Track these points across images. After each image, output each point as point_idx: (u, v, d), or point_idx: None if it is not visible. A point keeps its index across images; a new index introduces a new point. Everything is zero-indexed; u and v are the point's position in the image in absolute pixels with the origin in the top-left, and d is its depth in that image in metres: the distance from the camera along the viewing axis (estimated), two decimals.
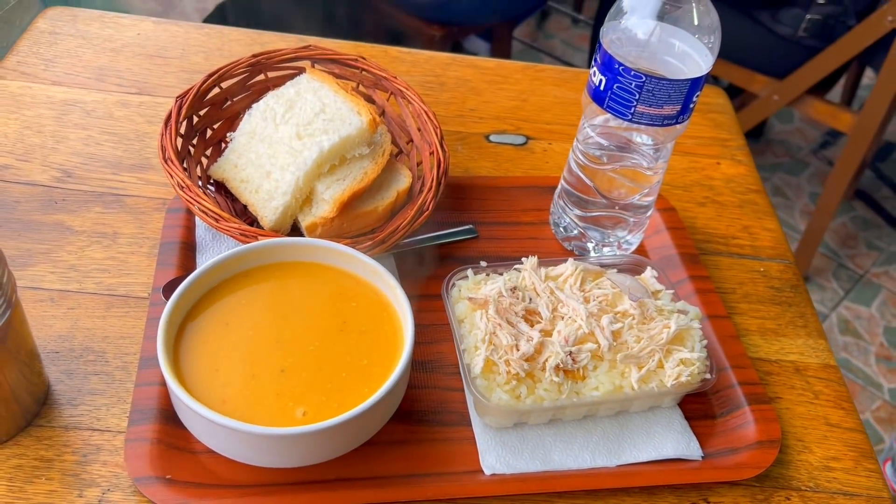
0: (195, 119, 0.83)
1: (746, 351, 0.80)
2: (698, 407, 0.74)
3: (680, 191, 0.98)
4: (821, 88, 2.28)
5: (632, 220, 0.84)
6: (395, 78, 0.87)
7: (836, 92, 2.76)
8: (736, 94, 2.61)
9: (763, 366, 0.80)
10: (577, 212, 0.84)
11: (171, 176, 0.75)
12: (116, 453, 0.65)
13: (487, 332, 0.69)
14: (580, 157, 0.82)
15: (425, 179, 0.81)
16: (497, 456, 0.68)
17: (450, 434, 0.69)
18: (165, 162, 0.76)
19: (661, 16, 0.71)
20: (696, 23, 0.71)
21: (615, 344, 0.69)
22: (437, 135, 0.83)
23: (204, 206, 0.73)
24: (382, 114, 0.89)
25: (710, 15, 0.72)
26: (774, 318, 0.85)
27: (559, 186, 0.87)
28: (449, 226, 0.87)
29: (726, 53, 2.29)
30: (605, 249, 0.86)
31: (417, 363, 0.74)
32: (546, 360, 0.68)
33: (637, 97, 0.72)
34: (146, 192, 0.86)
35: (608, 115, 0.76)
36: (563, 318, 0.71)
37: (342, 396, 0.62)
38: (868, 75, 2.78)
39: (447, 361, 0.75)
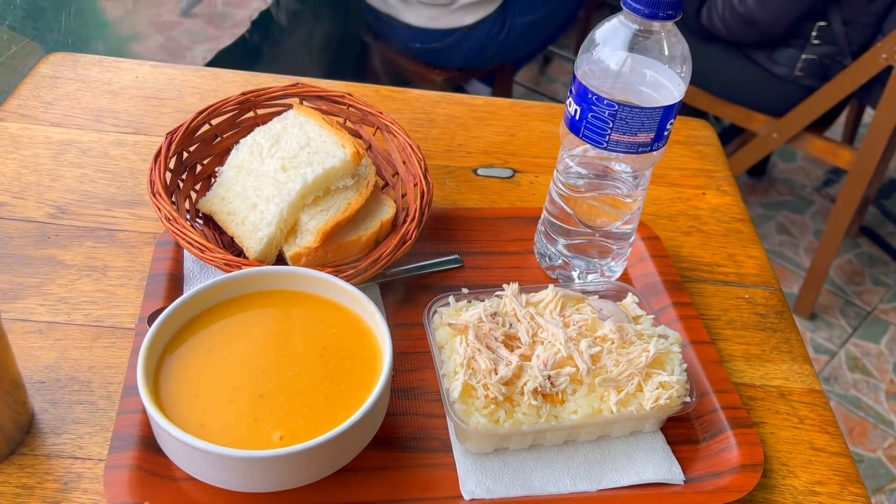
0: (185, 155, 0.85)
1: (730, 376, 0.80)
2: (681, 432, 0.74)
3: (665, 220, 0.99)
4: (820, 126, 2.29)
5: (614, 247, 0.85)
6: (381, 113, 0.89)
7: (838, 130, 2.78)
8: (736, 134, 2.63)
9: (747, 391, 0.80)
10: (561, 241, 0.85)
11: (159, 209, 0.77)
12: (97, 481, 0.65)
13: (466, 356, 0.69)
14: (561, 187, 0.83)
15: (409, 210, 0.82)
16: (477, 481, 0.68)
17: (430, 460, 0.70)
18: (154, 195, 0.78)
19: (632, 47, 0.73)
20: (666, 53, 0.73)
21: (594, 368, 0.70)
22: (421, 167, 0.85)
23: (190, 237, 0.74)
24: (369, 148, 0.91)
25: (681, 45, 0.74)
26: (759, 344, 0.85)
27: (542, 216, 0.88)
28: (434, 256, 0.88)
29: (725, 93, 2.33)
30: (590, 277, 0.87)
31: (399, 390, 0.75)
32: (525, 384, 0.68)
33: (611, 125, 0.74)
34: (137, 227, 0.88)
35: (586, 146, 0.77)
36: (542, 343, 0.72)
37: (320, 420, 0.63)
38: (869, 113, 2.80)
39: (429, 388, 0.76)
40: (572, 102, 0.76)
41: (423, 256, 0.87)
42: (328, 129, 0.83)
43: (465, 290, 0.78)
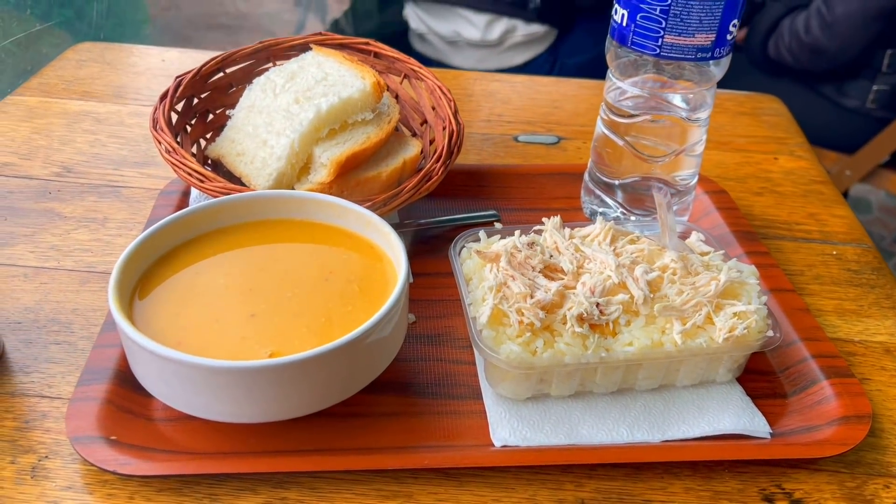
0: (195, 101, 0.78)
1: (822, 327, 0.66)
2: (762, 385, 0.61)
3: (732, 182, 0.87)
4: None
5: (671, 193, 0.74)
6: (407, 58, 0.82)
7: None
8: None
9: (845, 346, 0.66)
10: (606, 180, 0.75)
11: (160, 142, 0.69)
12: (62, 420, 0.56)
13: (497, 281, 0.58)
14: (608, 114, 0.73)
15: (437, 149, 0.73)
16: (512, 429, 0.55)
17: (454, 407, 0.58)
18: (155, 130, 0.71)
19: None
20: None
21: (652, 297, 0.58)
22: (451, 108, 0.76)
23: (189, 167, 0.67)
24: (396, 97, 0.83)
25: None
26: (854, 300, 0.71)
27: (588, 166, 0.78)
28: (469, 211, 0.78)
29: None
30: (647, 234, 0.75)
31: (424, 336, 0.64)
32: (568, 310, 0.56)
33: (663, 25, 0.64)
34: (145, 185, 0.81)
35: (637, 78, 0.68)
36: (589, 273, 0.60)
37: (318, 341, 0.52)
38: None
39: (457, 334, 0.64)
40: (619, 8, 0.67)
41: (457, 213, 0.78)
42: (348, 63, 0.75)
43: (498, 226, 0.67)
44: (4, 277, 0.68)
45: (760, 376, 0.62)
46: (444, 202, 0.80)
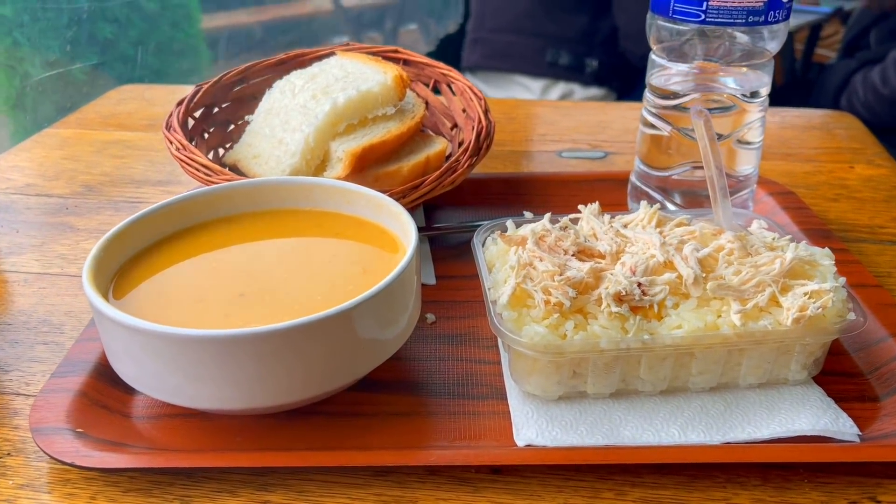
0: (216, 110, 0.75)
1: None
2: (849, 388, 0.51)
3: (802, 189, 0.78)
4: None
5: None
6: (437, 63, 0.77)
7: None
8: None
9: None
10: (654, 174, 0.67)
11: (171, 142, 0.66)
12: None
13: (521, 262, 0.51)
14: (654, 99, 0.66)
15: (465, 144, 0.67)
16: (539, 429, 0.47)
17: (474, 407, 0.49)
18: (167, 130, 0.67)
19: None
20: None
21: (704, 276, 0.49)
22: (481, 107, 0.71)
23: (197, 163, 0.63)
24: (426, 105, 0.78)
25: None
26: None
27: (634, 164, 0.71)
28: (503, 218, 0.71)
29: None
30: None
31: (444, 336, 0.56)
32: (605, 288, 0.48)
33: None
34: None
35: (684, 66, 0.62)
36: (630, 255, 0.52)
37: None
38: None
39: (480, 334, 0.57)
40: None
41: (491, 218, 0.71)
42: (372, 62, 0.71)
43: (527, 214, 0.60)
44: (5, 283, 0.64)
45: (845, 378, 0.51)
46: (478, 211, 0.73)
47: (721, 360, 0.49)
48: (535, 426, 0.47)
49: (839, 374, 0.51)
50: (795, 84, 2.61)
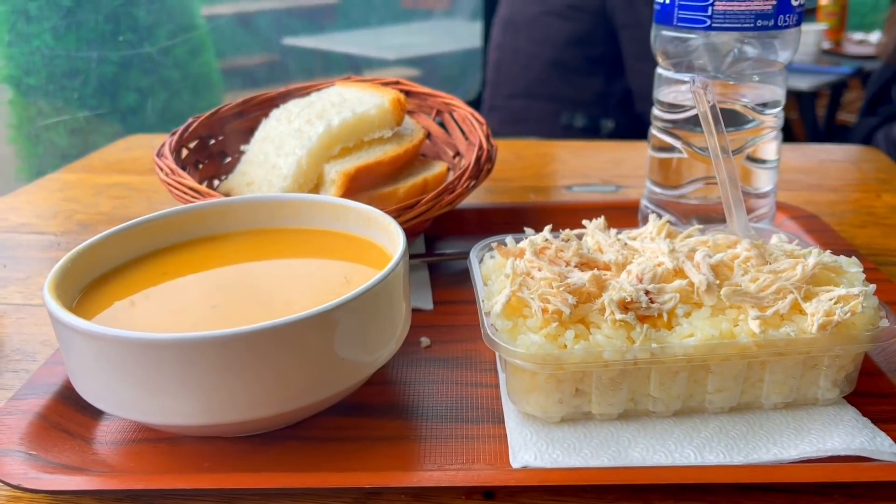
0: (212, 142, 0.74)
1: None
2: (886, 409, 0.45)
3: (827, 216, 0.73)
4: None
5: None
6: (439, 93, 0.75)
7: None
8: None
9: None
10: (664, 194, 0.63)
11: (161, 168, 0.64)
12: None
13: (518, 270, 0.47)
14: (661, 114, 0.63)
15: (465, 165, 0.64)
16: (538, 452, 0.42)
17: (468, 431, 0.45)
18: (157, 157, 0.65)
19: None
20: None
21: (718, 283, 0.45)
22: (482, 131, 0.68)
23: (184, 186, 0.60)
24: (428, 136, 0.76)
25: None
26: None
27: (645, 187, 0.67)
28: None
29: None
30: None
31: (439, 359, 0.52)
32: (609, 297, 0.44)
33: None
34: None
35: (695, 78, 0.59)
36: (637, 264, 0.48)
37: None
38: None
39: (478, 357, 0.52)
40: None
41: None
42: (370, 88, 0.69)
43: (528, 231, 0.56)
44: None
45: (881, 399, 0.46)
46: (481, 240, 0.70)
47: (740, 375, 0.44)
48: (533, 448, 0.42)
49: (874, 395, 0.46)
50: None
